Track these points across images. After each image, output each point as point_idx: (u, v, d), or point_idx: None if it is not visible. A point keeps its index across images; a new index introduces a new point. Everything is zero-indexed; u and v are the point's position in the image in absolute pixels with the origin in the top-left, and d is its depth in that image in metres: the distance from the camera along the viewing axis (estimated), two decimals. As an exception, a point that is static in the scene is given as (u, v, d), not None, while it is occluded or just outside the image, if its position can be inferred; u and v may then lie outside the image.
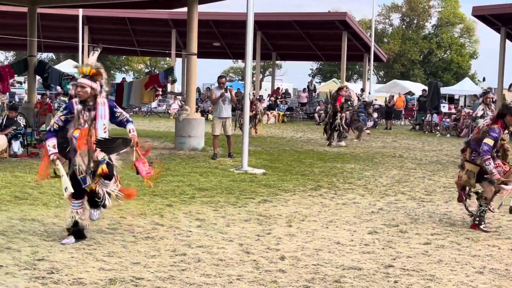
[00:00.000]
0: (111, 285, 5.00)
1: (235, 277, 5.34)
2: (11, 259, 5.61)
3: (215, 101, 13.57)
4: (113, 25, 34.79)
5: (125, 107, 19.25)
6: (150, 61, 67.47)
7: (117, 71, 65.11)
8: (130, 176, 7.69)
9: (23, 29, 21.67)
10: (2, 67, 20.26)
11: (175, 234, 6.80)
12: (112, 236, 6.60)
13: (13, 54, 62.46)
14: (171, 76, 17.08)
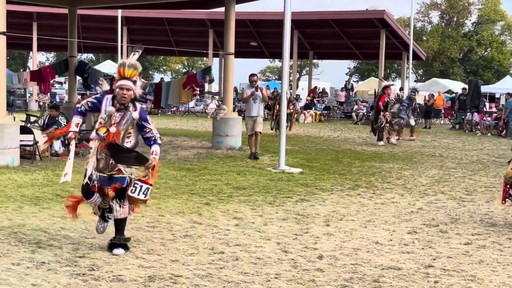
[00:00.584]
0: (150, 283, 5.05)
1: (273, 276, 5.34)
2: (53, 256, 5.71)
3: (246, 100, 13.44)
4: (151, 25, 35.13)
5: (163, 107, 19.49)
6: (188, 61, 67.97)
7: (155, 71, 65.75)
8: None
9: (64, 30, 22.08)
10: (44, 68, 20.68)
11: (213, 233, 6.84)
12: (151, 234, 6.67)
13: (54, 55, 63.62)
14: (208, 76, 17.17)
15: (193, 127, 23.78)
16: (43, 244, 6.12)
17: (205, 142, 17.21)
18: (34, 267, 5.38)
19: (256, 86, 13.34)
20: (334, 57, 42.25)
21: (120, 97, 5.79)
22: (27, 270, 5.26)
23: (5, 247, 5.95)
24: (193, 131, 21.65)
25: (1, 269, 5.26)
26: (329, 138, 20.44)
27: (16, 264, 5.42)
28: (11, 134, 11.44)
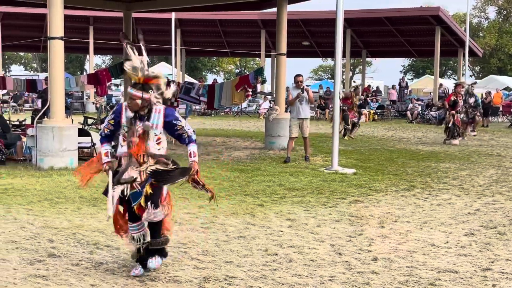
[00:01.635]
0: (205, 284, 5.11)
1: (327, 278, 5.32)
2: (110, 257, 5.84)
3: (292, 102, 13.00)
4: (204, 27, 35.47)
5: (216, 108, 19.64)
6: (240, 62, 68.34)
7: (208, 72, 66.37)
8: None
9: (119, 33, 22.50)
10: (100, 70, 21.14)
11: (267, 234, 6.86)
12: (205, 235, 6.74)
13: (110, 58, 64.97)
14: (261, 77, 17.20)
15: (245, 127, 23.89)
16: (100, 245, 6.27)
17: (258, 142, 17.27)
18: (93, 267, 5.51)
19: (302, 87, 13.01)
20: (387, 55, 41.70)
21: (129, 107, 5.26)
22: (85, 271, 5.40)
23: (65, 248, 6.12)
24: (245, 131, 21.76)
25: (61, 269, 5.41)
26: (383, 137, 20.20)
27: (75, 265, 5.57)
28: (69, 137, 11.74)
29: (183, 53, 36.90)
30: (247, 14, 32.37)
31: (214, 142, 17.52)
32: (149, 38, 32.66)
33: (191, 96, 18.17)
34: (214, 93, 17.61)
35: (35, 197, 8.72)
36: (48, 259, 5.74)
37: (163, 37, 32.71)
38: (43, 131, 11.62)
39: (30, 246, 6.17)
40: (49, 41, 11.83)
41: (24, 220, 7.29)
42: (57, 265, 5.54)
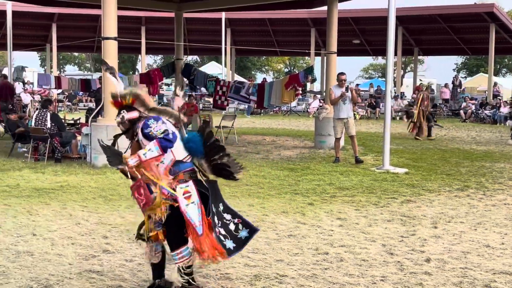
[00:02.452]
0: (256, 281, 5.13)
1: (378, 278, 5.27)
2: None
3: (335, 102, 12.65)
4: (254, 26, 35.57)
5: (266, 107, 19.67)
6: (289, 61, 68.22)
7: (258, 71, 66.48)
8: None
9: (170, 33, 22.78)
10: (152, 70, 21.47)
11: (317, 233, 6.83)
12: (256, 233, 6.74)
13: (161, 58, 65.83)
14: (311, 75, 17.14)
15: (295, 126, 23.84)
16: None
17: (307, 141, 17.22)
18: (146, 263, 5.59)
19: (346, 86, 12.73)
20: (440, 53, 40.94)
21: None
22: (139, 267, 5.49)
23: (119, 244, 6.23)
24: (295, 130, 21.71)
25: (115, 265, 5.52)
26: (435, 136, 19.85)
27: (129, 261, 5.67)
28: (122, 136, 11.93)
29: (233, 52, 37.10)
30: (297, 13, 32.31)
31: (264, 141, 17.55)
32: (199, 38, 33.02)
33: (241, 95, 18.26)
34: (263, 92, 17.65)
35: (89, 194, 8.92)
36: (103, 254, 5.87)
37: (213, 37, 32.95)
38: (97, 129, 11.87)
39: (85, 242, 6.31)
40: (103, 42, 12.07)
41: (79, 217, 7.47)
42: (111, 261, 5.66)
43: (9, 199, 8.45)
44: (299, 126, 23.84)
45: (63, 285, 4.95)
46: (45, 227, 6.94)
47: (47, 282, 5.03)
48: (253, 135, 19.42)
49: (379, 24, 29.99)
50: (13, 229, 6.78)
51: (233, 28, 35.61)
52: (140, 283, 5.05)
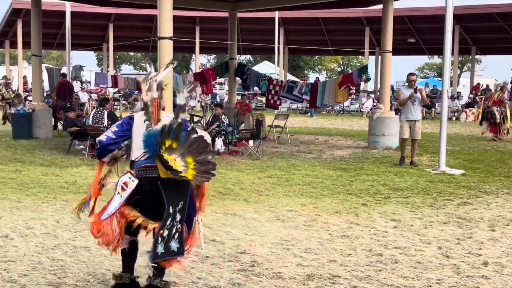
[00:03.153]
0: (309, 281, 5.11)
1: (434, 281, 5.17)
2: (216, 251, 5.96)
3: (404, 102, 12.25)
4: (307, 25, 35.42)
5: (318, 106, 19.59)
6: (343, 60, 67.73)
7: (310, 70, 66.24)
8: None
9: (224, 33, 22.92)
10: (206, 70, 21.67)
11: (371, 234, 6.76)
12: (308, 233, 6.73)
13: (214, 57, 66.36)
14: (365, 75, 16.99)
15: (348, 126, 23.65)
16: (206, 239, 6.40)
17: (361, 141, 17.05)
18: (199, 260, 5.65)
19: (415, 87, 12.33)
20: (498, 52, 39.82)
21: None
22: (192, 264, 5.54)
23: (173, 241, 6.30)
24: (348, 130, 21.54)
25: (170, 261, 5.58)
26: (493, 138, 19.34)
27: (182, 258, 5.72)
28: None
29: (285, 51, 37.04)
30: (351, 12, 32.02)
31: (316, 140, 17.47)
32: (252, 37, 33.11)
33: (294, 95, 18.24)
34: (316, 92, 17.60)
35: (144, 191, 9.04)
36: (157, 251, 5.93)
37: (266, 36, 32.98)
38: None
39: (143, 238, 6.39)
40: (159, 41, 12.23)
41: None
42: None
43: (67, 195, 8.66)
44: (352, 126, 23.64)
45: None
46: (102, 223, 7.07)
47: (103, 277, 5.14)
48: (305, 134, 19.36)
49: (435, 22, 29.43)
50: (71, 224, 6.94)
51: (286, 28, 35.54)
52: (194, 280, 5.09)
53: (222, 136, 14.33)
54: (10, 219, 7.17)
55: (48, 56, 72.58)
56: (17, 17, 31.52)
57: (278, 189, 9.46)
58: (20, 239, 6.30)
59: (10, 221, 7.09)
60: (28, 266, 5.39)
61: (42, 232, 6.55)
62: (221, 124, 14.59)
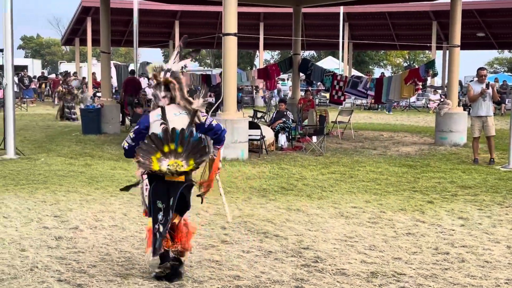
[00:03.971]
0: (373, 278, 5.06)
1: (503, 281, 5.03)
2: (279, 246, 5.98)
3: (475, 98, 11.87)
4: (373, 20, 34.96)
5: (384, 102, 19.33)
6: (409, 55, 66.55)
7: (375, 66, 65.43)
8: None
9: (288, 29, 22.90)
10: (270, 65, 21.70)
11: (437, 232, 6.62)
12: (373, 230, 6.66)
13: (278, 53, 66.40)
14: (432, 70, 16.64)
15: (414, 122, 23.22)
16: (270, 234, 6.44)
17: (427, 138, 16.73)
18: (262, 255, 5.68)
19: (487, 82, 11.96)
20: None
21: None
22: (256, 258, 5.58)
23: (236, 235, 6.37)
24: (414, 126, 21.15)
25: (233, 256, 5.64)
26: None
27: (246, 252, 5.78)
28: (240, 129, 12.19)
29: (350, 47, 36.70)
30: (418, 6, 31.41)
31: (381, 136, 17.25)
32: (317, 32, 32.98)
33: (358, 90, 18.06)
34: (381, 87, 17.36)
35: (208, 186, 9.15)
36: (221, 245, 6.02)
37: (330, 32, 32.78)
38: (217, 123, 12.17)
39: (204, 232, 6.49)
40: (224, 38, 12.35)
41: (199, 207, 7.68)
42: (229, 251, 5.79)
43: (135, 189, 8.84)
44: (419, 122, 23.19)
45: (184, 273, 5.12)
46: (167, 216, 7.21)
47: (169, 269, 5.23)
48: (370, 130, 19.14)
49: (506, 16, 28.55)
50: (138, 217, 7.10)
51: (351, 22, 35.20)
52: (257, 274, 5.13)
53: (286, 132, 14.34)
54: (80, 212, 7.40)
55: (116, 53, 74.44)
56: (87, 15, 32.44)
57: (342, 185, 9.39)
58: (89, 231, 6.50)
59: (80, 213, 7.32)
60: (96, 258, 5.56)
61: (110, 225, 6.73)
62: (286, 119, 14.60)
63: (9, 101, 12.38)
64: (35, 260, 5.44)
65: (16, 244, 5.95)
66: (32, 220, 6.92)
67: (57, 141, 14.86)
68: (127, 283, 4.89)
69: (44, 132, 17.10)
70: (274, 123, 14.63)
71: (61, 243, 6.01)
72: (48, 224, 6.77)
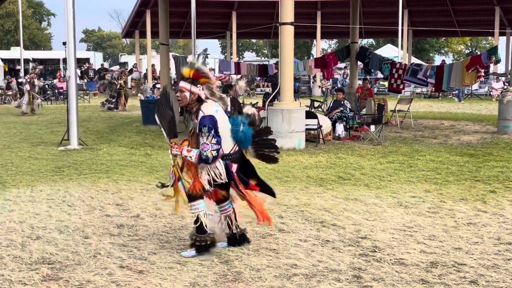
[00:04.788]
0: (432, 268, 4.99)
1: None
2: (336, 235, 5.97)
3: None
4: (433, 6, 34.15)
5: (444, 90, 18.92)
6: (471, 42, 64.84)
7: (436, 53, 64.05)
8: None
9: (346, 17, 22.66)
10: (327, 54, 21.52)
11: (499, 222, 6.47)
12: (432, 220, 6.56)
13: (335, 42, 65.83)
14: (494, 56, 16.15)
15: (476, 110, 22.64)
16: (327, 223, 6.43)
17: (490, 126, 16.30)
18: (320, 244, 5.68)
19: None
20: None
21: (178, 100, 5.40)
22: (313, 247, 5.59)
23: (293, 224, 6.39)
24: (476, 114, 20.61)
25: (290, 244, 5.66)
26: None
27: (303, 241, 5.79)
28: (298, 119, 12.18)
29: (410, 34, 35.99)
30: (481, -9, 30.56)
31: (442, 125, 16.91)
32: (375, 20, 32.49)
33: (418, 78, 17.71)
34: (442, 75, 16.96)
35: (266, 175, 9.18)
36: (278, 233, 6.05)
37: (389, 19, 32.19)
38: (274, 113, 12.20)
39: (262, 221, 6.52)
40: (280, 27, 12.34)
41: (256, 196, 7.74)
42: (286, 240, 5.81)
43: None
44: (481, 110, 22.59)
45: (241, 261, 5.18)
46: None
47: (228, 257, 5.30)
48: (430, 119, 18.79)
49: None
50: (197, 206, 7.20)
51: (411, 9, 34.47)
52: (314, 262, 5.13)
53: (343, 121, 14.23)
54: (140, 200, 7.57)
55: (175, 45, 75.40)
56: (146, 7, 32.92)
57: (401, 174, 9.27)
58: (149, 219, 6.65)
59: (140, 202, 7.49)
60: (157, 245, 5.68)
61: (170, 213, 6.86)
62: (344, 109, 14.49)
63: (72, 93, 12.74)
64: (98, 247, 5.61)
65: (80, 232, 6.15)
66: (95, 208, 7.13)
67: (118, 131, 15.22)
68: (186, 270, 4.98)
69: (106, 123, 17.53)
70: (331, 112, 14.54)
71: (123, 231, 6.18)
72: (110, 212, 6.96)
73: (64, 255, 5.37)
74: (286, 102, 12.35)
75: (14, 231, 6.18)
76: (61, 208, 7.19)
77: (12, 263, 5.16)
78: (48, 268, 5.03)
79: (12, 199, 7.67)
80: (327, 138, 13.39)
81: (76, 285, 4.67)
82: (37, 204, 7.36)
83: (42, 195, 7.86)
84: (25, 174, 9.38)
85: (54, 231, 6.18)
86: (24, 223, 6.49)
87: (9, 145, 12.83)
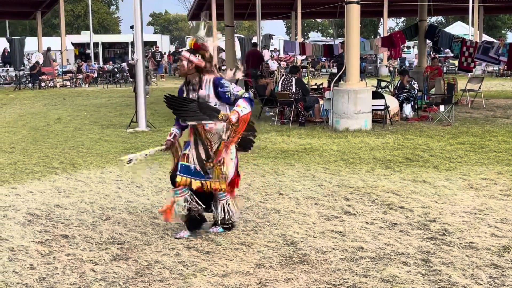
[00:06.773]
0: (504, 253, 4.82)
1: None
2: (404, 218, 5.85)
3: None
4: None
5: None
6: (546, 17, 62.11)
7: (508, 30, 61.73)
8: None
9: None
10: (394, 33, 21.10)
11: None
12: (505, 203, 6.33)
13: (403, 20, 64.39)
14: None
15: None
16: (394, 206, 6.32)
17: None
18: (387, 227, 5.59)
19: None
20: None
21: (178, 69, 5.49)
22: (380, 230, 5.50)
23: (360, 207, 6.31)
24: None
25: (357, 227, 5.60)
26: None
27: (370, 223, 5.71)
28: (364, 99, 11.99)
29: (481, 11, 34.76)
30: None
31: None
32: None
33: (490, 56, 17.11)
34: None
35: (331, 157, 9.13)
36: (344, 216, 5.98)
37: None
38: (339, 94, 12.06)
39: (327, 202, 6.49)
40: (346, 6, 12.14)
41: (321, 178, 7.70)
42: (352, 223, 5.74)
43: (258, 159, 9.01)
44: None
45: (307, 243, 5.16)
46: (290, 187, 7.28)
47: (293, 239, 5.29)
48: (502, 98, 18.17)
49: None
50: (262, 187, 7.22)
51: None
52: (382, 246, 5.05)
53: (411, 102, 13.92)
54: (206, 182, 7.63)
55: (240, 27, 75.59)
56: (212, -10, 33.06)
57: (471, 156, 9.01)
58: (215, 200, 6.70)
59: (206, 183, 7.55)
60: (223, 226, 5.72)
61: (236, 195, 6.89)
62: (410, 89, 14.16)
63: (140, 76, 12.96)
64: (165, 227, 5.70)
65: (148, 212, 6.27)
66: (163, 190, 7.24)
67: (184, 113, 15.38)
68: (251, 251, 5.00)
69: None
70: (399, 93, 14.23)
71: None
72: (177, 194, 7.05)
73: (133, 235, 5.49)
74: (352, 83, 12.18)
75: (85, 211, 6.36)
76: (130, 189, 7.35)
77: (83, 243, 5.31)
78: (118, 248, 5.15)
79: (83, 180, 7.89)
80: (394, 118, 13.13)
81: (144, 265, 4.76)
82: (107, 185, 7.55)
83: (111, 177, 8.06)
84: (96, 156, 9.64)
85: (123, 211, 6.33)
86: (94, 203, 6.67)
87: (80, 128, 13.20)
